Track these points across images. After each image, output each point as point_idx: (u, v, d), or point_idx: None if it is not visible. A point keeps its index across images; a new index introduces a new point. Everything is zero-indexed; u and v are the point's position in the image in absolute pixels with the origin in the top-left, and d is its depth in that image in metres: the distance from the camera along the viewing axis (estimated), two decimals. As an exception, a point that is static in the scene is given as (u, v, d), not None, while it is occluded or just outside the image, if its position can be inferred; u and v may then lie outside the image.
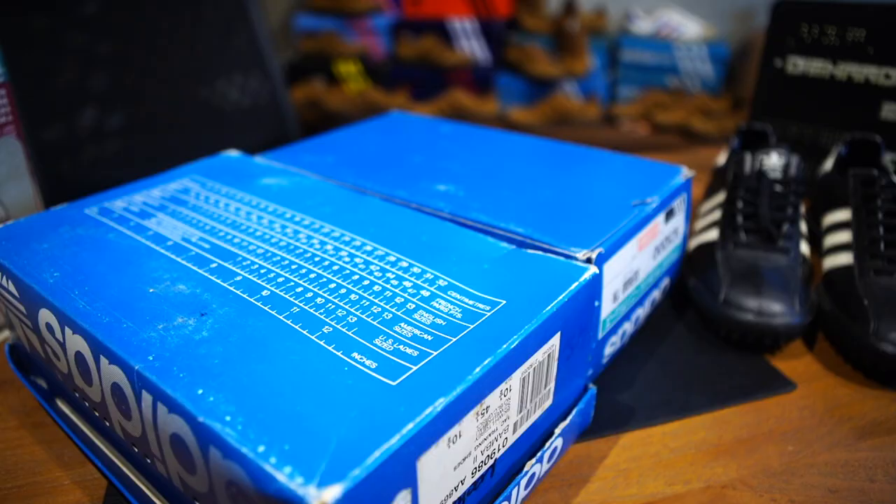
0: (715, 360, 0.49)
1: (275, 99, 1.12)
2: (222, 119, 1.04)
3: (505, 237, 0.41)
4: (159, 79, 0.93)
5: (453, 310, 0.33)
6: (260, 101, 1.10)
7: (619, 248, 0.41)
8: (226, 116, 1.04)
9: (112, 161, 0.89)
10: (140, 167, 0.84)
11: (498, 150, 0.56)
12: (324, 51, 2.09)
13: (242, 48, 1.05)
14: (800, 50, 0.72)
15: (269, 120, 1.12)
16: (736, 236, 0.53)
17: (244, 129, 1.07)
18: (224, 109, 1.03)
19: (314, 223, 0.42)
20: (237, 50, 1.04)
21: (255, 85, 1.09)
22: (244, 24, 1.05)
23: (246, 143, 1.05)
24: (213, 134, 1.02)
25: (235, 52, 1.04)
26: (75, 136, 0.85)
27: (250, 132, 1.08)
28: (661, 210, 0.46)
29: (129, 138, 0.90)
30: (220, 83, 1.03)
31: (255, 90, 1.09)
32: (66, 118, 0.84)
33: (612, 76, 2.10)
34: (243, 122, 1.07)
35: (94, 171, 0.88)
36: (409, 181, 0.49)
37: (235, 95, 1.06)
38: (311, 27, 2.11)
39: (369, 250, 0.38)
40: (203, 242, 0.39)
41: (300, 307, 0.33)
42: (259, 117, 1.10)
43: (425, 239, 0.40)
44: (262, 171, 0.51)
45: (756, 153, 0.58)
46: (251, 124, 1.09)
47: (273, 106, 1.12)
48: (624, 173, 0.51)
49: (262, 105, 1.11)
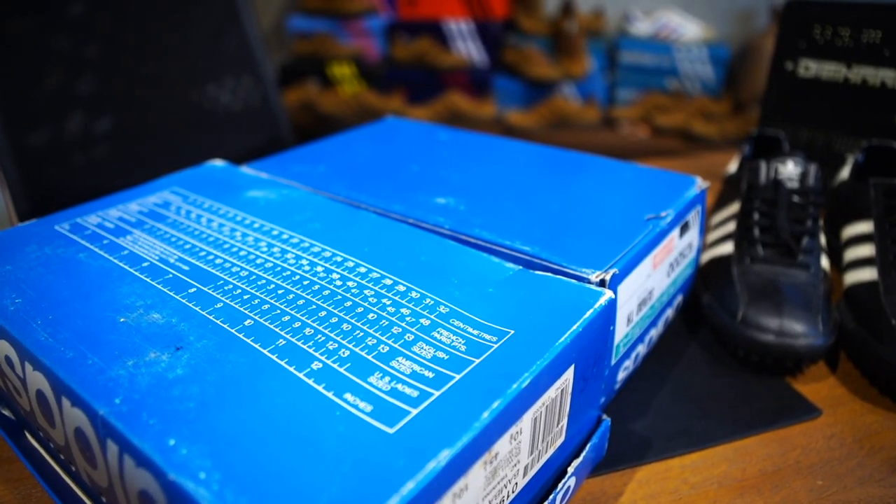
0: (733, 383, 0.46)
1: (267, 103, 1.09)
2: (214, 123, 1.01)
3: (510, 256, 0.38)
4: (148, 83, 0.90)
5: (456, 341, 0.30)
6: (252, 105, 1.07)
7: (634, 267, 0.38)
8: (217, 121, 1.01)
9: (101, 167, 0.86)
10: (130, 173, 0.81)
11: (499, 158, 0.53)
12: (317, 53, 2.05)
13: (233, 51, 1.02)
14: (812, 52, 0.69)
15: (262, 124, 1.09)
16: (753, 250, 0.50)
17: (236, 134, 1.04)
18: (215, 113, 1.00)
19: (303, 242, 0.39)
20: (228, 53, 1.01)
21: (247, 88, 1.06)
22: (235, 26, 1.02)
23: (238, 148, 1.02)
24: (205, 139, 0.99)
25: (226, 55, 1.01)
26: (62, 141, 0.81)
27: (242, 137, 1.05)
28: (675, 224, 0.43)
29: (118, 144, 0.87)
30: (210, 87, 1.00)
31: (247, 94, 1.05)
32: (52, 123, 0.81)
33: (610, 78, 2.07)
34: (235, 127, 1.04)
35: (82, 178, 0.85)
36: (405, 193, 0.46)
37: (226, 99, 1.03)
38: (304, 29, 2.08)
39: (363, 273, 0.35)
40: (182, 264, 0.36)
41: (287, 339, 0.30)
42: (251, 121, 1.07)
43: (424, 259, 0.37)
44: (248, 182, 0.48)
45: (771, 161, 0.55)
46: (243, 129, 1.06)
47: (265, 110, 1.09)
48: (634, 184, 0.48)
49: (254, 109, 1.07)
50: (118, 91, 0.87)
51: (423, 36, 2.04)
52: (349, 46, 2.07)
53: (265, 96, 1.08)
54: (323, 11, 2.06)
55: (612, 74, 2.07)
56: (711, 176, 0.82)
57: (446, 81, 2.04)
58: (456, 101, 1.98)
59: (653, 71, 1.98)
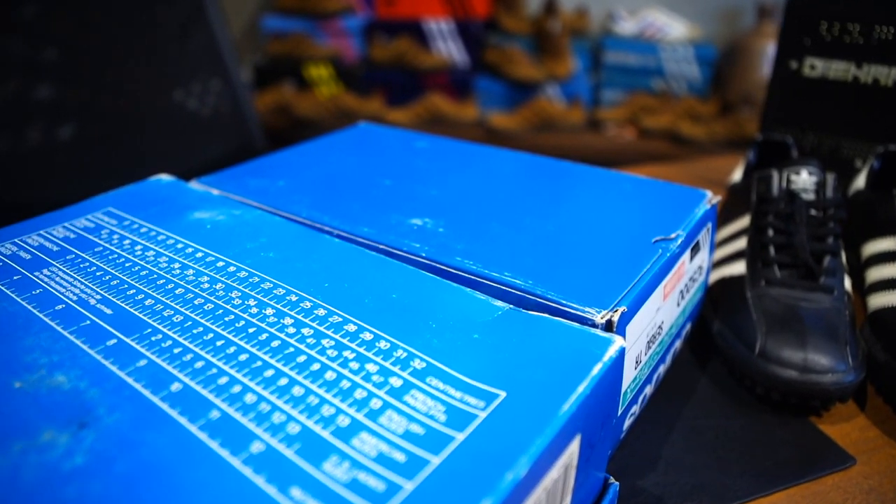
0: (751, 425, 0.40)
1: (238, 107, 1.03)
2: (181, 130, 0.94)
3: (498, 291, 0.32)
4: (111, 89, 0.84)
5: (434, 408, 0.24)
6: (221, 110, 1.01)
7: (643, 301, 0.32)
8: (185, 127, 0.95)
9: (64, 177, 0.80)
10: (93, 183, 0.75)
11: (484, 170, 0.47)
12: (293, 54, 1.99)
13: (200, 53, 0.96)
14: (818, 50, 0.64)
15: (232, 130, 1.03)
16: (768, 272, 0.45)
17: (205, 141, 0.98)
18: (183, 120, 0.94)
19: (252, 276, 0.32)
20: (194, 55, 0.95)
21: (216, 92, 0.99)
22: (201, 26, 0.95)
23: (207, 156, 0.95)
24: (172, 146, 0.92)
25: (193, 58, 0.95)
26: (21, 150, 0.75)
27: (212, 143, 0.99)
28: (686, 246, 0.38)
29: (80, 153, 0.81)
30: (177, 92, 0.93)
31: (216, 98, 0.99)
32: (9, 132, 0.74)
33: (595, 79, 2.02)
34: (204, 133, 0.98)
35: (43, 188, 0.78)
36: (376, 213, 0.40)
37: (194, 104, 0.96)
38: (278, 29, 2.01)
39: (322, 316, 0.29)
40: (104, 306, 0.30)
41: (222, 410, 0.24)
42: (221, 127, 1.00)
43: (396, 297, 0.31)
44: (195, 201, 0.41)
45: (783, 170, 0.50)
46: (213, 135, 0.99)
47: (236, 115, 1.03)
48: (636, 199, 0.42)
49: (223, 114, 1.01)
50: (79, 98, 0.81)
51: (403, 36, 1.98)
52: (326, 47, 2.00)
53: (235, 100, 1.01)
54: (298, 11, 1.99)
55: (597, 75, 2.02)
56: (710, 184, 0.77)
57: (427, 83, 1.99)
58: (437, 102, 1.92)
59: (638, 71, 1.94)
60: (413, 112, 1.93)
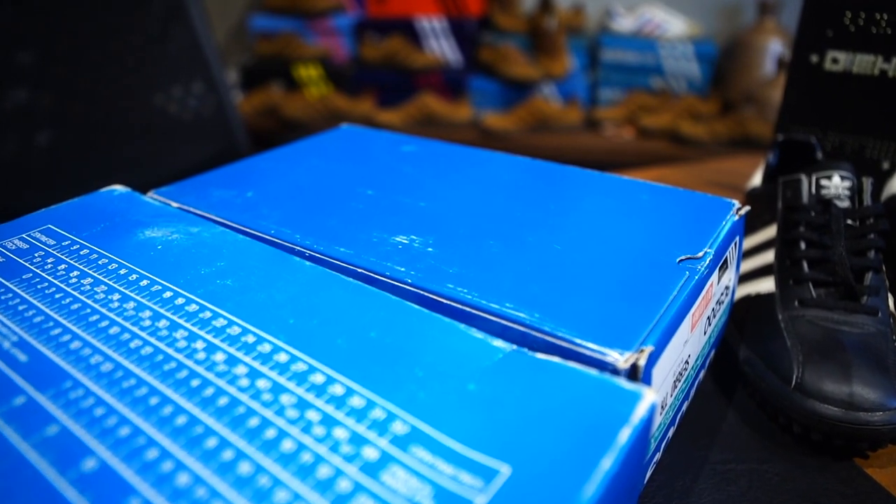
0: (789, 471, 0.35)
1: (221, 110, 0.97)
2: (162, 135, 0.89)
3: (498, 326, 0.27)
4: (86, 94, 0.79)
5: (420, 492, 0.18)
6: (204, 114, 0.95)
7: (671, 336, 0.27)
8: (166, 132, 0.89)
9: (40, 185, 0.75)
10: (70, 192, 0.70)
11: (480, 178, 0.42)
12: (281, 54, 1.93)
13: (181, 55, 0.90)
14: (842, 42, 0.59)
15: (216, 134, 0.97)
16: (802, 290, 0.39)
17: (187, 146, 0.93)
18: (164, 124, 0.89)
19: (203, 310, 0.27)
20: (175, 57, 0.89)
21: (198, 96, 0.94)
22: (182, 26, 0.90)
23: (189, 162, 0.90)
24: (152, 152, 0.87)
25: (173, 60, 0.89)
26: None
27: (194, 148, 0.93)
28: (715, 266, 0.33)
29: (57, 160, 0.77)
30: (157, 96, 0.88)
31: (198, 102, 0.94)
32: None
33: (592, 77, 1.97)
34: (186, 138, 0.93)
35: (17, 198, 0.74)
36: (355, 230, 0.35)
37: (176, 108, 0.91)
38: (267, 28, 1.96)
39: (283, 363, 0.24)
40: (20, 350, 0.25)
41: (144, 499, 0.18)
42: (204, 131, 0.95)
43: (375, 336, 0.25)
44: (148, 217, 0.36)
45: (811, 174, 0.45)
46: (195, 139, 0.94)
47: (219, 118, 0.97)
48: (653, 210, 0.37)
49: (206, 118, 0.96)
50: (55, 103, 0.76)
51: (394, 35, 1.92)
52: (315, 47, 1.95)
53: (219, 103, 0.96)
54: (287, 10, 1.94)
55: (594, 73, 1.97)
56: (724, 188, 0.72)
57: (419, 83, 1.93)
58: (429, 103, 1.86)
59: (637, 69, 1.89)
60: (405, 113, 1.88)
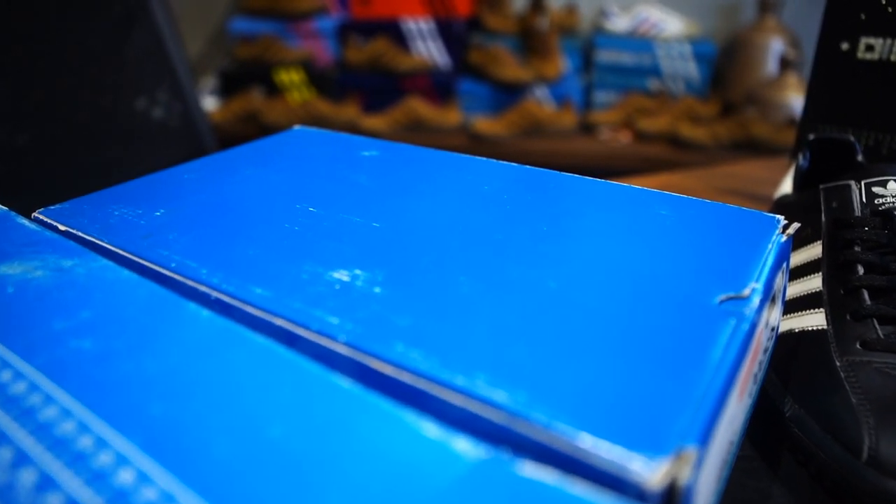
0: (862, 572, 0.26)
1: (189, 118, 0.89)
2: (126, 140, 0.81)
3: (465, 416, 0.18)
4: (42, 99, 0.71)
5: None
6: (170, 123, 0.87)
7: (717, 420, 0.19)
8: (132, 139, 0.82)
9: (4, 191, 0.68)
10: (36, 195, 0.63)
11: (454, 190, 0.33)
12: (262, 57, 1.84)
13: (144, 58, 0.82)
14: (877, 27, 0.51)
15: (182, 142, 0.89)
16: (864, 329, 0.31)
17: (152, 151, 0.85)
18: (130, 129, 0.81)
19: (34, 392, 0.18)
20: (138, 61, 0.81)
21: (164, 104, 0.85)
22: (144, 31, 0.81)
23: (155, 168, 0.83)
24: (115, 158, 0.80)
25: (136, 64, 0.81)
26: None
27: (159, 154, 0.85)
28: (763, 305, 0.24)
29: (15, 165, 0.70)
30: (120, 102, 0.80)
31: (164, 111, 0.85)
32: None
33: (587, 79, 1.89)
34: (151, 143, 0.85)
35: None
36: (281, 261, 0.26)
37: (140, 113, 0.83)
38: (247, 31, 1.87)
39: (129, 486, 0.15)
40: None
41: None
42: (170, 140, 0.87)
43: (278, 435, 0.17)
44: (15, 245, 0.27)
45: (860, 180, 0.36)
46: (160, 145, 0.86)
47: (187, 126, 0.89)
48: (675, 230, 0.28)
49: (173, 127, 0.87)
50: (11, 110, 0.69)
51: (379, 36, 1.84)
52: (297, 50, 1.87)
53: (185, 110, 0.88)
54: (268, 11, 1.86)
55: (589, 75, 1.89)
56: (742, 197, 0.64)
57: (406, 86, 1.85)
58: (417, 107, 1.78)
59: (633, 70, 1.81)
60: (391, 118, 1.79)
